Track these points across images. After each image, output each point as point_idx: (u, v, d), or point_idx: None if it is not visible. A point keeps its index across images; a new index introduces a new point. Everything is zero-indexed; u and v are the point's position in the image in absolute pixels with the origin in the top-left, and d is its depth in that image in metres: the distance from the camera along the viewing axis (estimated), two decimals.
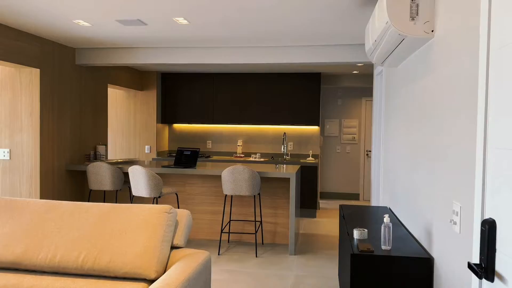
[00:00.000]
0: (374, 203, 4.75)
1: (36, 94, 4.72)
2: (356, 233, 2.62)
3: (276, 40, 4.71)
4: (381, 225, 2.55)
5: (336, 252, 4.96)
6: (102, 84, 6.07)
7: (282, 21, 3.89)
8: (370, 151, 8.44)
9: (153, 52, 5.25)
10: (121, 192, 5.63)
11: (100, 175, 5.00)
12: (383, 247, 2.40)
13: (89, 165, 5.03)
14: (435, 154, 2.21)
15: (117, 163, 5.49)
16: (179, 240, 2.50)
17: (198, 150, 5.25)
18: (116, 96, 7.38)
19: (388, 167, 3.77)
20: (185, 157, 5.27)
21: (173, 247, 2.52)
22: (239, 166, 4.65)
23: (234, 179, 4.68)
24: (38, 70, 4.72)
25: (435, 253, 2.22)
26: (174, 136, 7.83)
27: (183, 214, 2.60)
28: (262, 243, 5.26)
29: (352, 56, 4.85)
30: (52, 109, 4.97)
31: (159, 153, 7.41)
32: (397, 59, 3.13)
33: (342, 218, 3.37)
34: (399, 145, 3.27)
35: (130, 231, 2.39)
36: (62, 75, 5.14)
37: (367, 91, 8.41)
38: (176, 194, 4.96)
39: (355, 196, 8.52)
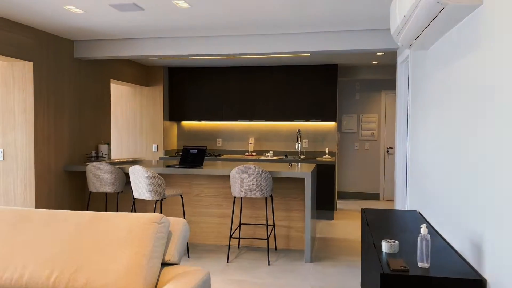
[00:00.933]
0: (399, 205, 4.28)
1: (30, 89, 4.38)
2: (385, 246, 2.18)
3: (287, 26, 4.27)
4: (417, 237, 2.10)
5: (357, 258, 4.51)
6: (104, 80, 5.71)
7: (294, 3, 3.46)
8: (391, 148, 7.94)
9: (155, 43, 4.86)
10: (123, 195, 5.27)
11: (100, 176, 4.64)
12: (420, 265, 1.95)
13: (88, 166, 4.68)
14: (490, 149, 1.75)
15: (119, 162, 5.13)
16: (171, 255, 2.09)
17: (205, 148, 4.85)
18: (121, 92, 7.04)
19: (417, 165, 3.31)
20: (191, 156, 4.88)
21: (164, 264, 2.11)
22: (248, 166, 4.24)
23: (243, 179, 4.27)
24: (31, 64, 4.38)
25: (488, 274, 1.76)
26: (183, 134, 7.45)
27: (178, 224, 2.19)
28: (275, 249, 4.83)
29: (373, 42, 4.38)
30: (48, 106, 4.62)
31: (166, 152, 7.04)
32: (429, 39, 2.67)
33: (366, 224, 2.93)
34: (431, 140, 2.81)
35: (112, 245, 1.99)
36: (59, 69, 4.80)
37: (387, 84, 7.89)
38: (181, 196, 4.57)
39: (375, 196, 8.03)
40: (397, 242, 2.18)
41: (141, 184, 4.22)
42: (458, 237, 2.19)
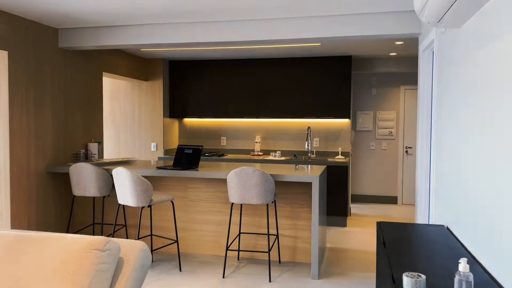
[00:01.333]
0: (420, 217, 3.69)
1: (4, 82, 3.92)
2: (408, 283, 1.62)
3: (293, 9, 3.72)
4: (450, 268, 1.54)
5: (373, 275, 3.94)
6: (95, 72, 5.25)
7: None
8: (410, 147, 7.31)
9: (147, 31, 4.36)
10: (110, 199, 4.79)
11: (84, 179, 4.17)
12: None
13: (70, 167, 4.21)
14: None
15: (108, 163, 4.66)
16: None
17: (200, 148, 4.34)
18: (119, 87, 6.58)
19: (446, 170, 2.73)
20: (186, 156, 4.37)
21: None
22: (247, 168, 3.70)
23: (241, 184, 3.74)
24: (5, 53, 3.92)
25: None
26: (185, 132, 6.96)
27: (133, 250, 1.67)
28: (279, 262, 4.29)
29: (393, 26, 3.79)
30: (27, 100, 4.17)
31: (166, 151, 6.55)
32: (463, 13, 2.09)
33: (382, 244, 2.37)
34: (469, 140, 2.23)
35: (38, 280, 1.48)
36: (40, 60, 4.34)
37: (406, 78, 7.26)
38: (172, 202, 4.07)
39: (393, 200, 7.41)
40: (423, 276, 1.63)
41: (125, 188, 3.73)
42: (506, 269, 1.62)
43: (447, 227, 2.66)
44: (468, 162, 2.18)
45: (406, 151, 7.35)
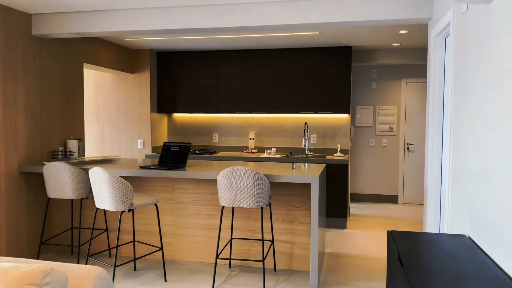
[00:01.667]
0: (431, 225, 3.32)
1: None
2: None
3: None
4: None
5: (377, 284, 3.58)
6: (75, 63, 4.83)
7: None
8: (412, 144, 6.96)
9: (127, 16, 3.95)
10: (90, 200, 4.39)
11: (59, 180, 3.77)
12: None
13: (44, 166, 3.81)
14: None
15: (87, 162, 4.26)
16: None
17: (188, 145, 3.95)
18: (103, 80, 6.16)
19: (468, 170, 2.36)
20: (173, 154, 3.98)
21: None
22: (239, 168, 3.32)
23: (233, 185, 3.36)
24: None
25: None
26: (174, 128, 6.56)
27: (88, 279, 1.29)
28: (275, 270, 3.92)
29: (401, 10, 3.42)
30: None
31: (154, 149, 6.15)
32: None
33: (398, 260, 2.00)
34: (502, 132, 1.86)
35: None
36: (10, 49, 3.92)
37: (408, 71, 6.90)
38: (156, 205, 3.68)
39: (393, 199, 7.06)
40: None
41: (102, 191, 3.34)
42: None
43: (469, 237, 2.30)
44: (503, 158, 1.81)
45: (408, 148, 7.00)
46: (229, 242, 3.99)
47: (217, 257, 3.47)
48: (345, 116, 5.97)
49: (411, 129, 6.98)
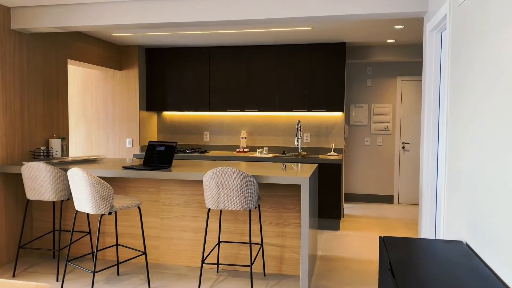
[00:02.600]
0: (426, 229, 3.17)
1: None
2: None
3: None
4: None
5: None
6: (58, 59, 4.66)
7: None
8: (408, 143, 6.82)
9: (112, 9, 3.78)
10: (70, 203, 4.22)
11: (38, 180, 3.60)
12: None
13: (23, 167, 3.64)
14: None
15: (72, 162, 4.08)
16: None
17: (174, 144, 3.79)
18: (91, 77, 5.98)
19: (464, 170, 2.21)
20: (158, 154, 3.82)
21: None
22: (226, 168, 3.17)
23: (219, 186, 3.20)
24: None
25: None
26: (164, 127, 6.39)
27: None
28: (264, 275, 3.77)
29: (395, 3, 3.26)
30: None
31: (143, 148, 5.99)
32: None
33: (389, 270, 1.84)
34: (504, 133, 1.72)
35: None
36: None
37: (404, 68, 6.76)
38: (139, 208, 3.51)
39: (388, 199, 6.92)
40: None
41: (81, 193, 3.17)
42: None
43: (467, 244, 2.15)
44: (504, 160, 1.66)
45: (403, 147, 6.86)
46: (217, 246, 3.83)
47: (202, 262, 3.31)
48: (339, 114, 5.81)
49: (407, 128, 6.84)
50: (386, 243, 2.16)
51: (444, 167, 2.61)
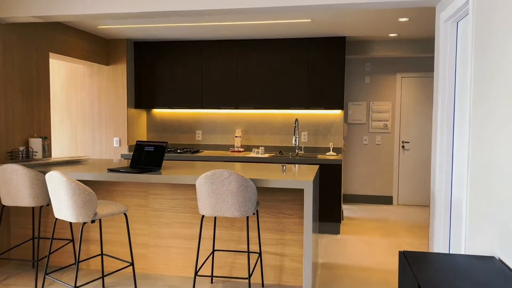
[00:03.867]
0: (439, 240, 2.91)
1: None
2: None
3: None
4: None
5: None
6: (39, 53, 4.32)
7: None
8: (407, 142, 6.59)
9: None
10: (51, 208, 3.89)
11: (14, 184, 3.27)
12: None
13: None
14: None
15: (54, 164, 3.75)
16: None
17: (164, 144, 3.48)
18: (76, 72, 5.63)
19: (492, 175, 1.94)
20: (147, 155, 3.51)
21: None
22: (221, 171, 2.87)
23: (214, 191, 2.91)
24: None
25: None
26: (154, 126, 6.06)
27: None
28: (262, 285, 3.48)
29: None
30: None
31: (131, 148, 5.66)
32: None
33: None
34: None
35: None
36: None
37: (404, 64, 6.51)
38: (125, 214, 3.20)
39: (388, 200, 6.68)
40: None
41: (60, 199, 2.86)
42: None
43: (500, 259, 1.88)
44: None
45: (403, 146, 6.62)
46: (211, 255, 3.53)
47: (196, 272, 3.01)
48: (338, 112, 5.55)
49: (407, 127, 6.60)
50: (408, 259, 1.88)
51: (466, 171, 2.34)
